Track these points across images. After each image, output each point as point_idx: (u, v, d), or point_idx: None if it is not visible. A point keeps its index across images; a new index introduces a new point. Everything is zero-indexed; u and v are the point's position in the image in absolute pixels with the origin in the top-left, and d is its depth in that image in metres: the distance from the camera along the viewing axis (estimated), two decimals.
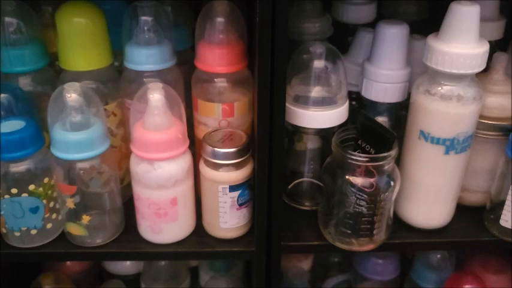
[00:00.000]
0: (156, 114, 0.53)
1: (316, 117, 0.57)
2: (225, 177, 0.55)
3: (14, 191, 0.54)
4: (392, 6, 0.71)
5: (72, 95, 0.51)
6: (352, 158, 0.53)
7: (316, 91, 0.58)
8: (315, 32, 0.66)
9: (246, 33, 0.56)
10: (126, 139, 0.62)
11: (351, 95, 0.62)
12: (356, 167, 0.53)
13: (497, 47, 0.63)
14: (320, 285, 0.83)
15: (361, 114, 0.57)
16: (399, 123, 0.61)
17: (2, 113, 0.54)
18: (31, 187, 0.54)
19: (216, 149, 0.55)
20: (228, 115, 0.58)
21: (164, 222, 0.57)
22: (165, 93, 0.52)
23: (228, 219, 0.58)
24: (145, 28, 0.56)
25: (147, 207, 0.56)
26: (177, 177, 0.55)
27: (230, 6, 0.55)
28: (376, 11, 0.69)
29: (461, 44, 0.51)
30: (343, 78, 0.58)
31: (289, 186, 0.65)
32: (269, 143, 0.52)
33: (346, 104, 0.59)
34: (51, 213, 0.57)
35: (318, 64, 0.57)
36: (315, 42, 0.59)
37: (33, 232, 0.57)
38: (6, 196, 0.54)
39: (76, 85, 0.52)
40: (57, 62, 0.57)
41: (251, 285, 0.75)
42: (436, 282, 0.76)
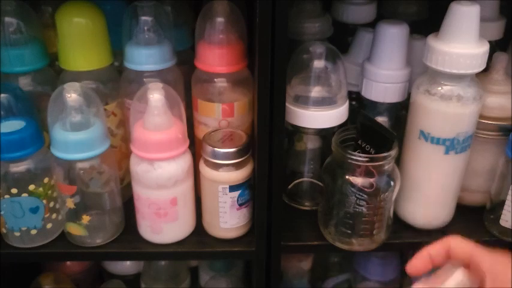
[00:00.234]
0: (156, 114, 0.53)
1: (316, 117, 0.57)
2: (225, 177, 0.55)
3: (14, 191, 0.54)
4: (392, 6, 0.70)
5: (72, 95, 0.51)
6: (352, 158, 0.53)
7: (316, 91, 0.58)
8: (315, 32, 0.66)
9: (246, 33, 0.56)
10: (126, 139, 0.62)
11: (351, 95, 0.62)
12: (356, 167, 0.53)
13: (497, 47, 0.63)
14: (320, 285, 0.83)
15: (361, 114, 0.56)
16: (399, 123, 0.61)
17: (2, 113, 0.54)
18: (31, 187, 0.54)
19: (216, 149, 0.55)
20: (228, 115, 0.58)
21: (164, 222, 0.57)
22: (165, 93, 0.52)
23: (228, 219, 0.58)
24: (145, 28, 0.56)
25: (147, 207, 0.56)
26: (177, 177, 0.55)
27: (230, 6, 0.55)
28: (376, 11, 0.69)
29: (461, 44, 0.51)
30: (343, 78, 0.58)
31: (289, 186, 0.65)
32: (269, 143, 0.52)
33: (346, 104, 0.59)
34: (51, 213, 0.57)
35: (318, 64, 0.57)
36: (315, 42, 0.59)
37: (33, 232, 0.57)
38: (6, 196, 0.54)
39: (76, 85, 0.52)
40: (57, 62, 0.57)
41: (251, 285, 0.75)
42: None
